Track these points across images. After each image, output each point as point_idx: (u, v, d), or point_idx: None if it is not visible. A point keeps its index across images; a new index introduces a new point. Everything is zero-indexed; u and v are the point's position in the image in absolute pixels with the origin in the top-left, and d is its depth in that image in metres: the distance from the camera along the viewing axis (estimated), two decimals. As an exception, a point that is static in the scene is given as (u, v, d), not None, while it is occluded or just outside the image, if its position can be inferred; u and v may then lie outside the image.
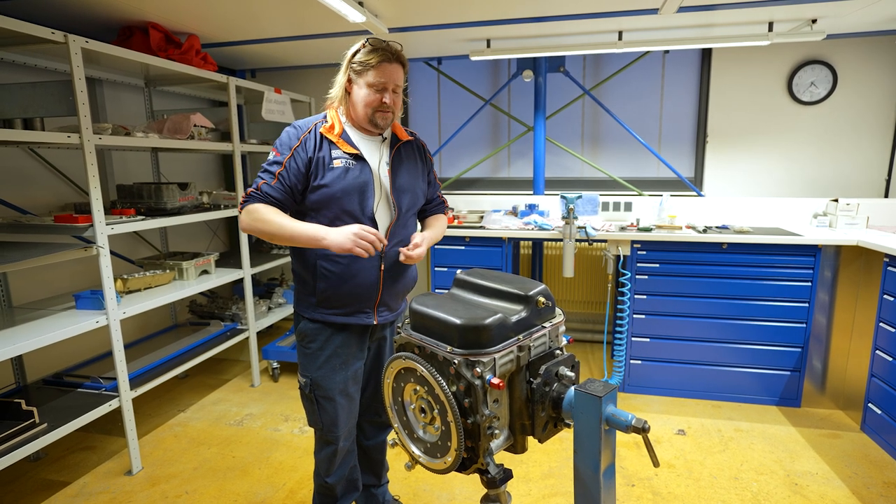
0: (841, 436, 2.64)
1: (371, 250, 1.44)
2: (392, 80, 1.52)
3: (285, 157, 1.52)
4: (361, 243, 1.42)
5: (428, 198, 1.80)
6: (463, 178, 4.22)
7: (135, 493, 2.23)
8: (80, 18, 2.63)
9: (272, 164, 1.53)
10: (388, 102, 1.53)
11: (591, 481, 1.06)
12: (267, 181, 1.52)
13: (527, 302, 1.18)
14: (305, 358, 1.66)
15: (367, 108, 1.53)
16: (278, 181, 1.51)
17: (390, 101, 1.53)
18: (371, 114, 1.54)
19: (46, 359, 2.66)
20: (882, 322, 2.49)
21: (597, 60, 3.86)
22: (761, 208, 3.50)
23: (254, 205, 1.51)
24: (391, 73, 1.52)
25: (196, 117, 2.84)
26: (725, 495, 2.19)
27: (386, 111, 1.55)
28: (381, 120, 1.55)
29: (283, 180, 1.52)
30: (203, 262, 3.01)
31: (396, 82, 1.54)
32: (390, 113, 1.56)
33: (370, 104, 1.53)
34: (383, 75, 1.51)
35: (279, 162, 1.52)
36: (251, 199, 1.52)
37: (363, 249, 1.43)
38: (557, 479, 2.29)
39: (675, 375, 3.04)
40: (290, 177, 1.52)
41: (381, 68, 1.50)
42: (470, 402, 1.06)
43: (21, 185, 2.62)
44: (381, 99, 1.52)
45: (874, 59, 3.38)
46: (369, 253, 1.44)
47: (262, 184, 1.52)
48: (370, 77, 1.51)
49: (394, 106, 1.56)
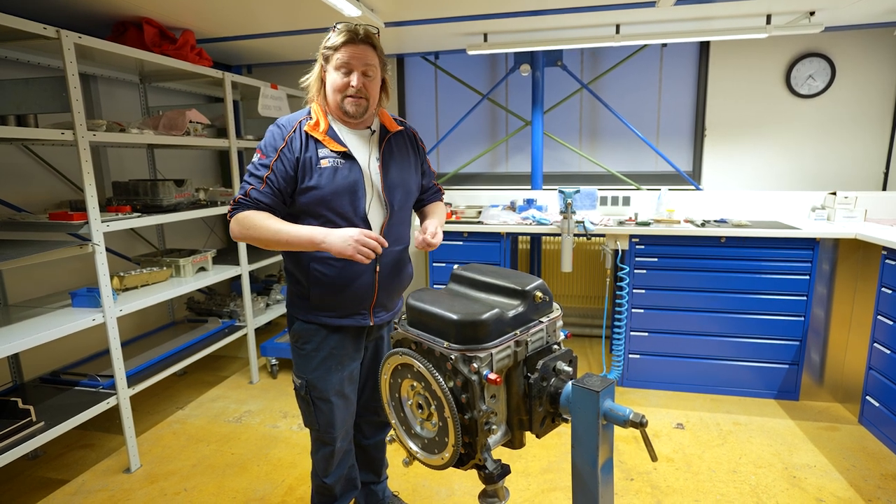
0: (839, 428, 2.65)
1: (372, 256, 1.38)
2: (359, 61, 1.44)
3: (272, 159, 1.46)
4: (363, 250, 1.36)
5: (424, 186, 1.77)
6: (461, 174, 4.21)
7: (133, 491, 2.22)
8: (74, 14, 2.61)
9: (259, 167, 1.46)
10: (354, 85, 1.44)
11: (588, 476, 1.06)
12: (255, 186, 1.45)
13: (524, 297, 1.17)
14: (300, 359, 1.63)
15: (337, 93, 1.47)
16: (267, 185, 1.45)
17: (358, 83, 1.44)
18: (340, 100, 1.47)
19: (43, 357, 2.65)
20: (880, 315, 2.49)
21: (594, 54, 3.84)
22: (759, 202, 3.50)
23: (244, 213, 1.44)
24: (357, 54, 1.44)
25: (192, 113, 2.82)
26: (724, 488, 2.19)
27: (357, 97, 1.47)
28: (350, 106, 1.47)
29: (271, 184, 1.45)
30: (200, 259, 3.00)
31: (367, 63, 1.45)
32: (363, 99, 1.48)
33: (338, 89, 1.46)
34: (347, 55, 1.43)
35: (266, 165, 1.46)
36: (240, 207, 1.45)
37: (364, 256, 1.37)
38: (556, 474, 2.30)
39: (674, 369, 3.05)
40: (278, 180, 1.45)
41: (345, 49, 1.43)
42: (467, 398, 1.06)
43: (15, 182, 2.61)
44: (349, 82, 1.44)
45: (872, 52, 3.36)
46: (370, 258, 1.38)
47: (250, 189, 1.45)
48: (336, 60, 1.45)
49: (367, 91, 1.47)
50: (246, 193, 1.46)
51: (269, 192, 1.46)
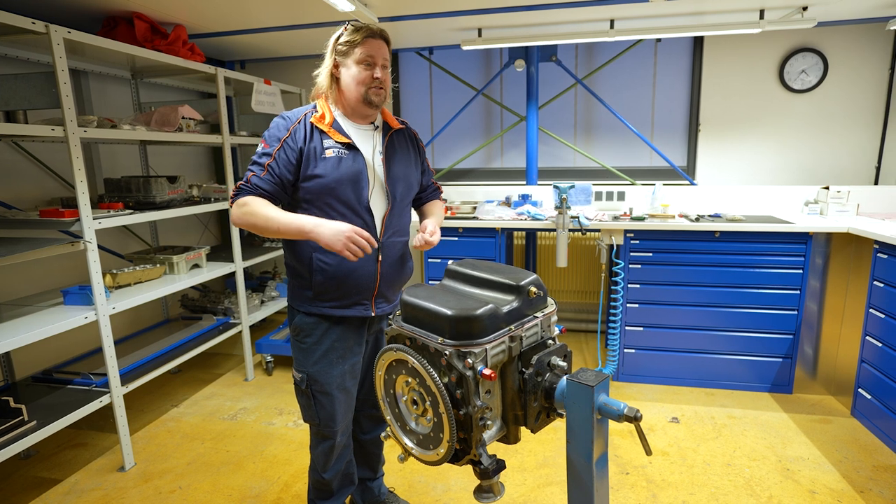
0: (832, 421, 2.67)
1: (360, 254, 1.39)
2: (380, 54, 1.52)
3: (275, 148, 1.50)
4: (351, 247, 1.38)
5: (423, 185, 1.80)
6: (456, 169, 4.20)
7: (127, 490, 2.21)
8: (64, 8, 2.57)
9: (262, 155, 1.51)
10: (379, 76, 1.51)
11: (584, 470, 1.06)
12: (257, 173, 1.50)
13: (518, 292, 1.17)
14: (301, 353, 1.64)
15: (360, 85, 1.51)
16: (268, 173, 1.49)
17: (382, 75, 1.52)
18: (364, 91, 1.52)
19: (35, 355, 2.63)
20: (872, 308, 2.51)
21: (589, 49, 3.83)
22: (753, 196, 3.51)
23: (244, 198, 1.48)
24: (378, 48, 1.51)
25: (184, 109, 2.79)
26: (718, 481, 2.21)
27: (379, 87, 1.53)
28: (375, 97, 1.53)
29: (273, 172, 1.49)
30: (194, 255, 2.98)
31: (385, 57, 1.54)
32: (383, 90, 1.55)
33: (362, 81, 1.51)
34: (371, 49, 1.50)
35: (269, 154, 1.50)
36: (241, 193, 1.50)
37: (352, 253, 1.38)
38: (552, 469, 2.30)
39: (669, 364, 3.06)
40: (280, 168, 1.49)
41: (367, 43, 1.50)
42: (462, 394, 1.05)
43: (5, 179, 2.58)
44: (373, 74, 1.51)
45: (865, 47, 3.38)
46: (358, 256, 1.40)
47: (251, 176, 1.50)
48: (358, 54, 1.50)
49: (385, 83, 1.55)
50: (247, 180, 1.50)
51: (270, 179, 1.50)
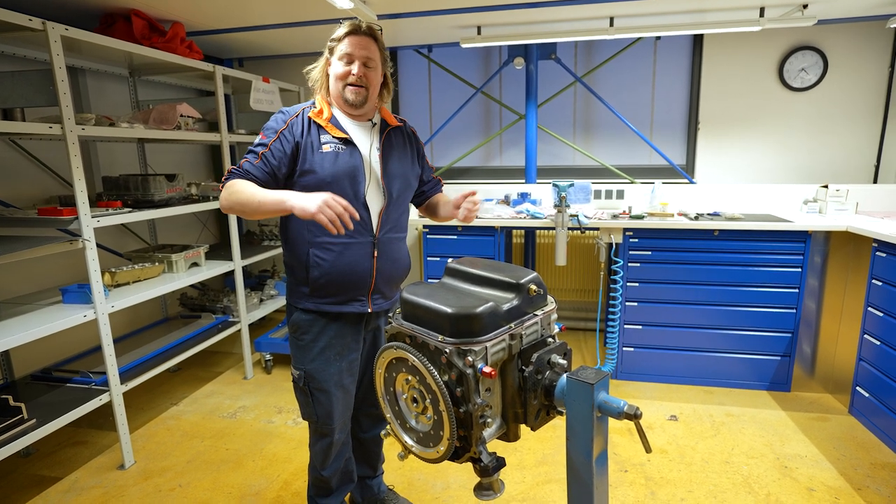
0: (829, 419, 2.68)
1: (336, 221, 1.29)
2: (360, 50, 1.51)
3: (271, 139, 1.52)
4: (327, 211, 1.28)
5: (424, 179, 1.81)
6: (455, 167, 4.19)
7: (127, 488, 2.21)
8: (61, 5, 2.56)
9: (257, 145, 1.54)
10: (355, 73, 1.50)
11: (583, 468, 1.06)
12: (250, 160, 1.52)
13: (518, 290, 1.17)
14: (299, 350, 1.65)
15: (338, 81, 1.53)
16: (261, 161, 1.51)
17: (358, 72, 1.51)
18: (341, 88, 1.53)
19: (34, 354, 2.63)
20: (870, 306, 2.51)
21: (588, 47, 3.83)
22: (752, 195, 3.52)
23: (232, 181, 1.49)
24: (359, 44, 1.51)
25: (182, 107, 2.78)
26: (717, 479, 2.21)
27: (357, 86, 1.52)
28: (350, 94, 1.53)
29: (266, 160, 1.51)
30: (193, 254, 2.98)
31: (368, 55, 1.52)
32: (363, 88, 1.53)
33: (340, 77, 1.53)
34: (349, 46, 1.51)
35: (264, 144, 1.52)
36: (231, 176, 1.51)
37: (327, 218, 1.28)
38: (551, 466, 2.31)
39: (668, 362, 3.07)
40: (273, 158, 1.51)
41: (348, 39, 1.51)
42: (462, 391, 1.05)
43: (3, 177, 2.57)
44: (350, 71, 1.51)
45: (864, 45, 3.38)
46: (334, 224, 1.29)
47: (243, 162, 1.52)
48: (339, 50, 1.52)
49: (367, 81, 1.53)
50: (239, 165, 1.52)
51: (262, 168, 1.51)
